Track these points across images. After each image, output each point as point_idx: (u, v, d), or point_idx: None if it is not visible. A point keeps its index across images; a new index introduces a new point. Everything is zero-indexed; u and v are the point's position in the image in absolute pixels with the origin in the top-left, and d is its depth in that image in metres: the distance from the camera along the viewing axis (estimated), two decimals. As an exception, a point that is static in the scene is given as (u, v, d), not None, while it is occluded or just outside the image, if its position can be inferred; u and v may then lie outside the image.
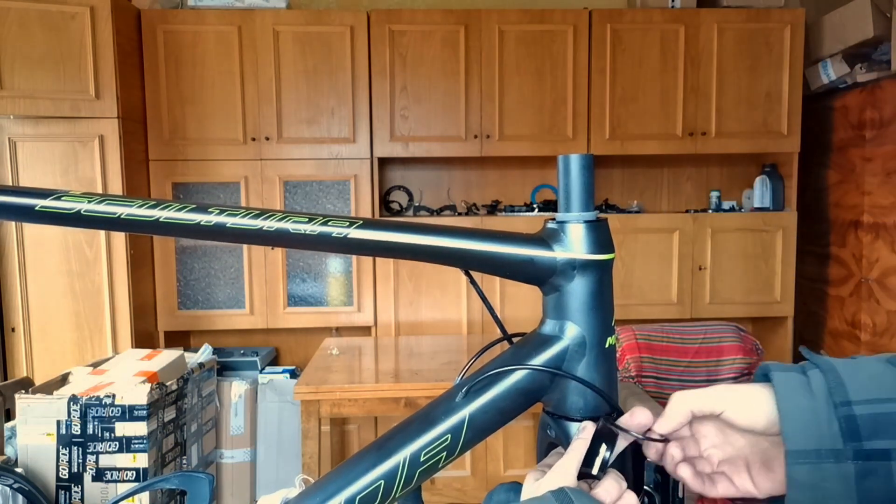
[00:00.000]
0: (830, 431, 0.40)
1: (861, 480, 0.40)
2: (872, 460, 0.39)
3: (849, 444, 0.40)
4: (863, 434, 0.40)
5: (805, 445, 0.41)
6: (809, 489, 0.41)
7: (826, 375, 0.42)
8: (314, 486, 0.50)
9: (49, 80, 2.53)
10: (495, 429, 0.50)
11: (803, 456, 0.41)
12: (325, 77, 2.93)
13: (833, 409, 0.40)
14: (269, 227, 0.50)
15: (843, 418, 0.40)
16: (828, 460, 0.40)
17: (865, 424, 0.40)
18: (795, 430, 0.41)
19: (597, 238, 0.50)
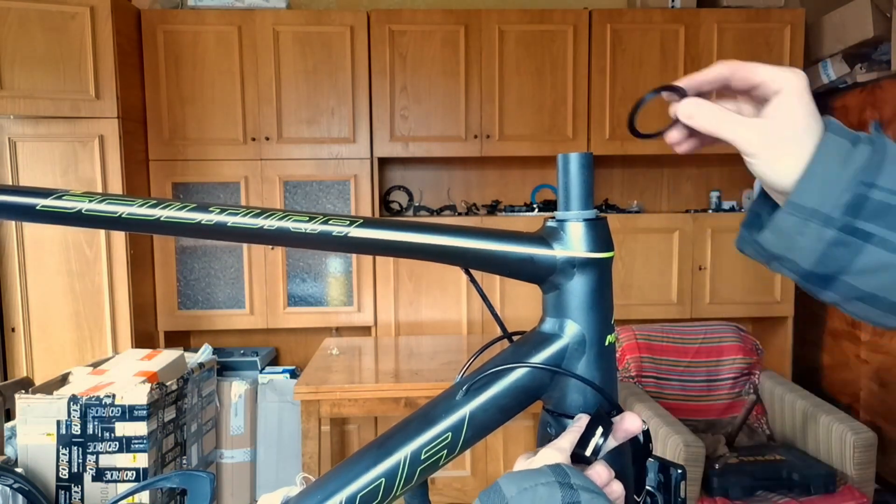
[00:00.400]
0: (838, 201, 0.42)
1: (831, 247, 0.43)
2: (853, 236, 0.42)
3: (845, 216, 0.42)
4: (863, 214, 0.42)
5: (806, 201, 0.43)
6: (783, 236, 0.45)
7: (872, 155, 0.43)
8: (315, 484, 0.50)
9: (49, 80, 2.53)
10: (496, 427, 0.50)
11: (800, 210, 0.43)
12: (325, 77, 2.93)
13: (856, 185, 0.42)
14: (269, 226, 0.50)
15: (857, 195, 0.42)
16: (816, 221, 0.43)
17: (871, 207, 0.42)
18: (808, 187, 0.43)
19: (597, 236, 0.50)
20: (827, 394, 3.14)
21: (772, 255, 0.47)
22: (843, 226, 0.42)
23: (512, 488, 0.42)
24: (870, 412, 2.90)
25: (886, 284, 0.43)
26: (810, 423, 2.32)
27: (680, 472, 0.49)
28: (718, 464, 2.14)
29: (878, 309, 0.45)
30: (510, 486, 0.42)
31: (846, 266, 0.43)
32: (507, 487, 0.42)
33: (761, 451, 2.31)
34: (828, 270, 0.44)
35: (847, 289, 0.44)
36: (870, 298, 0.44)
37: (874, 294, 0.44)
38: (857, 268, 0.43)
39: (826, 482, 2.09)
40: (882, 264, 0.43)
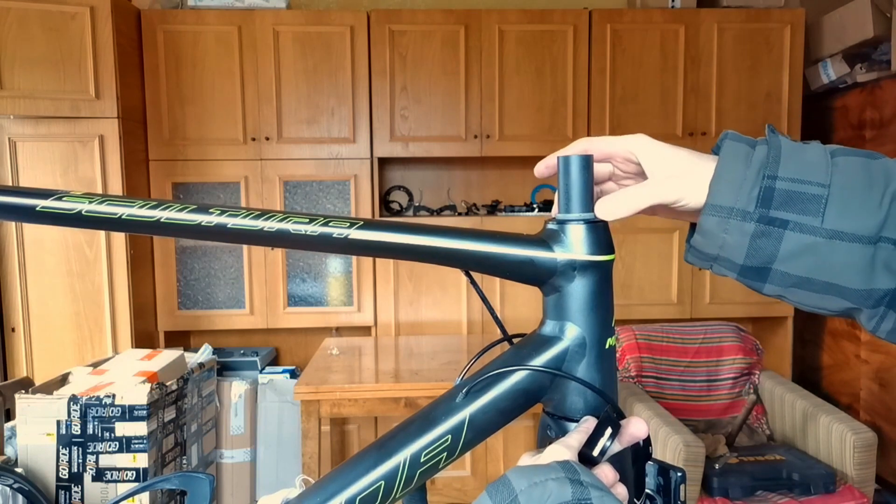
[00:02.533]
0: (749, 196, 0.46)
1: (755, 239, 0.46)
2: (771, 226, 0.46)
3: (759, 209, 0.46)
4: (773, 204, 0.46)
5: (722, 201, 0.47)
6: (711, 236, 0.48)
7: (769, 152, 0.47)
8: (314, 486, 0.50)
9: (49, 80, 2.53)
10: (496, 429, 0.50)
11: (717, 210, 0.47)
12: (325, 77, 2.93)
13: (761, 179, 0.46)
14: (269, 227, 0.50)
15: (764, 188, 0.46)
16: (735, 218, 0.47)
17: (779, 196, 0.46)
18: (720, 190, 0.47)
19: (597, 239, 0.50)
20: (827, 394, 3.14)
21: (709, 258, 0.50)
22: (759, 217, 0.46)
23: (522, 482, 0.42)
24: (870, 412, 2.90)
25: (814, 266, 0.46)
26: (810, 423, 2.32)
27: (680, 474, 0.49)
28: (718, 464, 2.14)
29: (814, 291, 0.47)
30: (520, 480, 0.42)
31: (773, 254, 0.46)
32: (516, 481, 0.42)
33: (761, 451, 2.31)
34: (759, 262, 0.47)
35: (781, 277, 0.47)
36: (804, 283, 0.47)
37: (807, 277, 0.47)
38: (783, 255, 0.46)
39: (826, 482, 2.09)
40: (804, 247, 0.45)
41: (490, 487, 0.43)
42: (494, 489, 0.42)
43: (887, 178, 0.45)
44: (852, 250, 0.45)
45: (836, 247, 0.45)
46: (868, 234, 0.44)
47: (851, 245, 0.44)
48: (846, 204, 0.45)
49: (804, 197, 0.45)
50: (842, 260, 0.45)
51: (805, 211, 0.45)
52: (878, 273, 0.45)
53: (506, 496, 0.41)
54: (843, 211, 0.45)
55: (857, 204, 0.45)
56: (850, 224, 0.44)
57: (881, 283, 0.45)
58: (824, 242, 0.45)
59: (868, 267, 0.45)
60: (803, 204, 0.45)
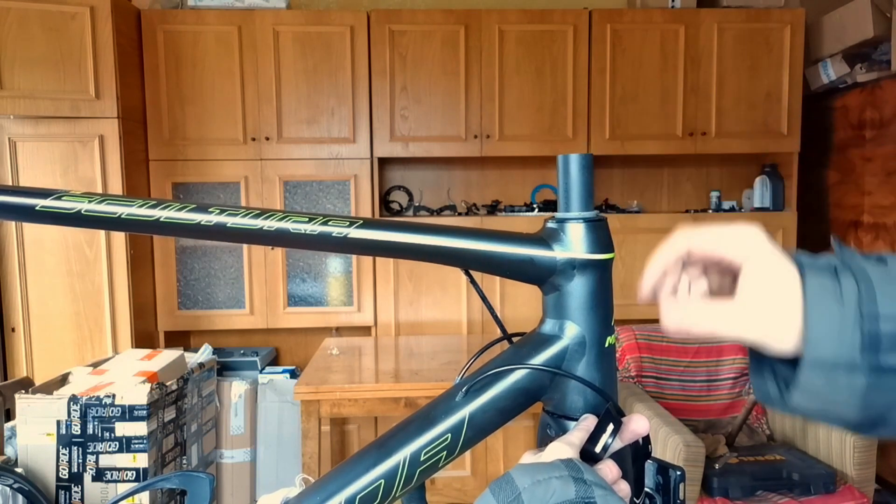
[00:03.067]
0: (852, 342, 0.40)
1: (868, 392, 0.40)
2: (884, 376, 0.40)
3: (866, 357, 0.40)
4: (882, 349, 0.40)
5: (824, 354, 0.41)
6: (816, 396, 0.42)
7: (859, 285, 0.41)
8: (314, 485, 0.50)
9: (49, 80, 2.53)
10: (495, 428, 0.50)
11: (819, 365, 0.41)
12: (325, 77, 2.93)
13: (860, 320, 0.40)
14: (269, 226, 0.50)
15: (868, 332, 0.40)
16: (842, 371, 0.40)
17: (887, 340, 0.40)
18: (818, 338, 0.41)
19: (597, 237, 0.50)
20: (827, 394, 3.14)
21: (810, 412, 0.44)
22: (869, 368, 0.40)
23: (525, 480, 0.41)
24: (870, 412, 2.90)
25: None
26: (810, 423, 2.32)
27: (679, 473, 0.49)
28: (718, 464, 2.14)
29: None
30: (523, 478, 0.41)
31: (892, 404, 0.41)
32: (519, 479, 0.42)
33: (761, 451, 2.31)
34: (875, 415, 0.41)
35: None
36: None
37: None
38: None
39: (826, 482, 2.09)
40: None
41: (493, 485, 0.42)
42: (498, 487, 0.42)
43: None
44: None
45: None
46: None
47: None
48: None
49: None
50: None
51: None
52: None
53: (509, 494, 0.41)
54: None
55: None
56: None
57: None
58: None
59: None
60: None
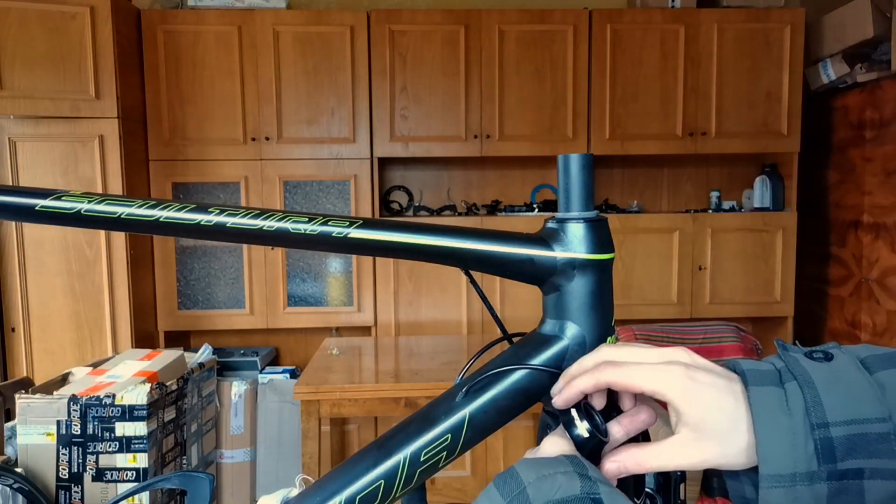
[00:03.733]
0: (806, 453, 0.40)
1: (833, 498, 0.40)
2: (845, 479, 0.39)
3: (823, 465, 0.39)
4: (838, 455, 0.39)
5: (781, 469, 0.40)
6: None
7: (804, 392, 0.40)
8: (314, 485, 0.50)
9: (49, 80, 2.53)
10: (495, 428, 0.50)
11: (778, 480, 0.40)
12: (325, 77, 2.93)
13: (810, 430, 0.40)
14: (269, 226, 0.50)
15: (820, 440, 0.39)
16: (802, 483, 0.40)
17: (841, 446, 0.39)
18: (772, 454, 0.40)
19: (597, 237, 0.50)
20: (827, 394, 3.14)
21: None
22: (829, 474, 0.39)
23: (530, 474, 0.41)
24: (870, 412, 2.90)
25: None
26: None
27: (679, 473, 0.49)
28: (718, 464, 2.13)
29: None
30: (528, 472, 0.41)
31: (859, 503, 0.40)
32: (524, 473, 0.41)
33: (761, 452, 2.30)
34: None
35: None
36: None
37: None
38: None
39: (826, 482, 2.08)
40: (893, 494, 0.40)
41: (497, 479, 0.42)
42: (502, 480, 0.42)
43: None
44: None
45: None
46: None
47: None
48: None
49: (868, 438, 0.39)
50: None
51: (877, 453, 0.39)
52: None
53: (514, 487, 0.41)
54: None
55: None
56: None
57: None
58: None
59: None
60: (870, 446, 0.39)
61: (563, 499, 0.39)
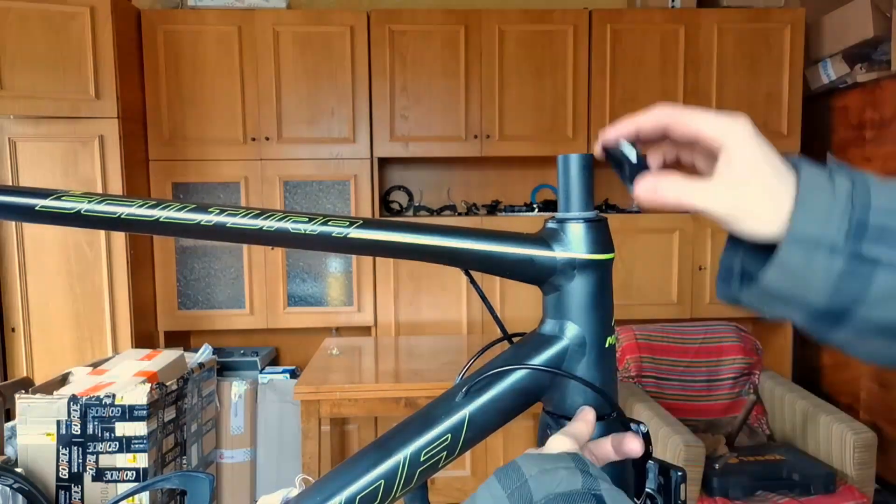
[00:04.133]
0: (839, 227, 0.40)
1: (842, 278, 0.40)
2: (861, 264, 0.40)
3: (849, 243, 0.40)
4: (866, 238, 0.40)
5: (808, 231, 0.40)
6: (791, 274, 0.41)
7: (854, 181, 0.41)
8: (314, 485, 0.50)
9: (49, 80, 2.53)
10: (495, 428, 0.50)
11: (803, 241, 0.40)
12: (325, 77, 2.93)
13: (851, 208, 0.40)
14: (268, 226, 0.50)
15: (857, 220, 0.40)
16: (823, 252, 0.40)
17: (874, 230, 0.40)
18: (805, 215, 0.41)
19: (597, 237, 0.50)
20: (827, 394, 3.14)
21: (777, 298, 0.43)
22: (850, 253, 0.40)
23: (532, 468, 0.41)
24: (870, 412, 2.90)
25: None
26: (810, 423, 2.32)
27: (680, 474, 0.49)
28: (718, 464, 2.14)
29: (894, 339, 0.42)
30: (530, 466, 0.41)
31: (861, 296, 0.40)
32: (526, 467, 0.41)
33: (761, 451, 2.31)
34: (842, 304, 0.41)
35: (863, 323, 0.41)
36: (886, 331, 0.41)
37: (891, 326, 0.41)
38: (872, 297, 0.40)
39: (826, 482, 2.09)
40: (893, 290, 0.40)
41: (499, 471, 0.42)
42: (504, 473, 0.42)
43: None
44: None
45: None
46: None
47: None
48: None
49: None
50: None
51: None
52: None
53: (515, 480, 0.41)
54: None
55: None
56: None
57: None
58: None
59: None
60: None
61: (564, 493, 0.39)
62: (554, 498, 0.39)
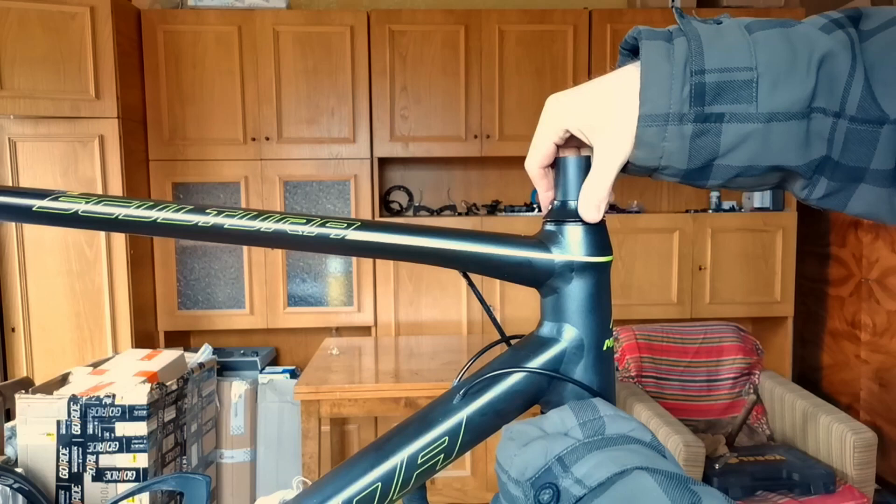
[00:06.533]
0: (681, 97, 0.44)
1: (695, 139, 0.44)
2: (708, 122, 0.44)
3: (693, 108, 0.44)
4: (706, 99, 0.44)
5: (657, 109, 0.44)
6: (651, 148, 0.46)
7: (690, 44, 0.44)
8: (311, 487, 0.50)
9: (49, 80, 2.53)
10: (493, 431, 0.50)
11: (654, 119, 0.45)
12: (325, 77, 2.93)
13: (689, 76, 0.44)
14: (266, 228, 0.50)
15: (695, 85, 0.44)
16: (673, 123, 0.44)
17: (711, 91, 0.44)
18: (651, 96, 0.44)
19: (595, 240, 0.50)
20: (827, 394, 3.14)
21: (649, 170, 0.48)
22: (695, 116, 0.44)
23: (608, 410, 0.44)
24: (870, 412, 2.90)
25: (754, 153, 0.45)
26: (810, 423, 2.32)
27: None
28: (718, 464, 2.14)
29: (755, 175, 0.46)
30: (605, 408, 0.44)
31: (715, 150, 0.45)
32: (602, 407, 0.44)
33: (761, 451, 2.31)
34: (701, 161, 0.45)
35: (724, 171, 0.46)
36: (746, 171, 0.46)
37: (749, 165, 0.45)
38: (724, 148, 0.45)
39: (826, 482, 2.09)
40: (744, 136, 0.44)
41: (573, 404, 0.44)
42: (578, 406, 0.44)
43: (809, 45, 0.43)
44: (790, 128, 0.44)
45: (775, 128, 0.44)
46: (801, 108, 0.43)
47: (788, 123, 0.44)
48: (776, 82, 0.43)
49: (735, 85, 0.43)
50: (780, 140, 0.44)
51: (738, 99, 0.43)
52: (813, 143, 0.44)
53: (589, 414, 0.43)
54: (774, 90, 0.43)
55: (786, 79, 0.43)
56: (784, 102, 0.43)
57: (815, 153, 0.45)
58: (763, 127, 0.44)
59: (804, 140, 0.44)
60: (735, 92, 0.43)
61: (635, 438, 0.41)
62: (625, 437, 0.41)
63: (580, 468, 0.39)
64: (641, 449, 0.40)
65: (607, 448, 0.40)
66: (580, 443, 0.40)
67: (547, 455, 0.40)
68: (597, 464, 0.38)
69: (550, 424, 0.43)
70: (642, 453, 0.39)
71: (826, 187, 0.46)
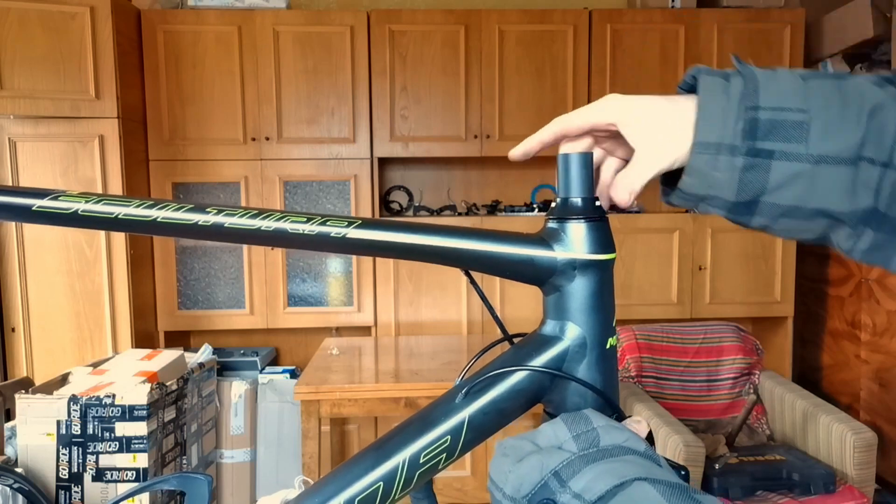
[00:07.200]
0: (735, 130, 0.46)
1: (745, 172, 0.46)
2: (759, 157, 0.46)
3: (745, 141, 0.46)
4: (759, 134, 0.45)
5: (711, 138, 0.46)
6: (702, 176, 0.47)
7: (746, 83, 0.46)
8: (313, 487, 0.50)
9: (49, 80, 2.52)
10: (495, 430, 0.50)
11: (706, 147, 0.47)
12: (325, 77, 2.93)
13: (743, 111, 0.46)
14: (266, 226, 0.49)
15: (748, 120, 0.46)
16: (725, 153, 0.46)
17: (764, 127, 0.45)
18: (706, 125, 0.47)
19: (598, 237, 0.50)
20: (827, 394, 3.14)
21: (698, 198, 0.49)
22: (747, 150, 0.46)
23: (600, 420, 0.44)
24: (870, 412, 2.90)
25: (800, 194, 0.46)
26: (810, 423, 2.32)
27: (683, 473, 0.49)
28: (718, 464, 2.13)
29: (801, 219, 0.47)
30: (598, 419, 0.44)
31: (763, 186, 0.46)
32: (595, 418, 0.44)
33: (761, 451, 2.30)
34: (748, 196, 0.47)
35: (770, 209, 0.47)
36: (792, 211, 0.47)
37: (795, 206, 0.46)
38: (772, 185, 0.46)
39: (826, 482, 2.08)
40: (792, 175, 0.45)
41: (565, 416, 0.44)
42: (571, 418, 0.44)
43: (861, 96, 0.45)
44: (838, 173, 0.45)
45: (822, 171, 0.45)
46: (850, 154, 0.44)
47: (837, 168, 0.45)
48: (827, 126, 0.45)
49: (787, 124, 0.45)
50: (828, 184, 0.45)
51: (789, 138, 0.45)
52: (860, 192, 0.45)
53: (582, 426, 0.43)
54: (825, 134, 0.45)
55: (837, 125, 0.45)
56: (834, 146, 0.44)
57: (862, 202, 0.45)
58: (811, 168, 0.45)
59: (851, 188, 0.45)
60: (787, 131, 0.45)
61: (629, 448, 0.41)
62: (621, 448, 0.41)
63: (578, 482, 0.38)
64: (637, 459, 0.40)
65: (604, 460, 0.39)
66: (575, 456, 0.40)
67: (542, 470, 0.40)
68: (594, 477, 0.38)
69: (543, 438, 0.43)
70: (639, 464, 0.39)
71: (872, 240, 0.47)
